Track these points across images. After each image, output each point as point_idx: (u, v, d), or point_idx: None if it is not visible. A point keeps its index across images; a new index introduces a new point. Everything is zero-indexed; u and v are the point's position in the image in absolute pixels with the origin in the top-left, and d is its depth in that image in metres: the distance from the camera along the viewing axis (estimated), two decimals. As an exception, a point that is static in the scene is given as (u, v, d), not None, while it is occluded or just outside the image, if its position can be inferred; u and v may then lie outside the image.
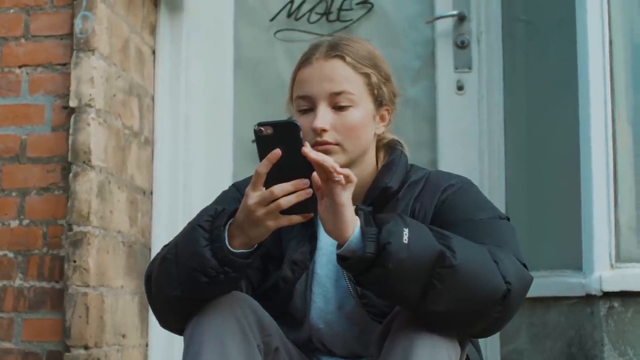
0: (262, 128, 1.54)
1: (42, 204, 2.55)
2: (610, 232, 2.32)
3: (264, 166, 1.52)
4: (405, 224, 1.55)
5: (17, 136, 2.59)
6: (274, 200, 1.52)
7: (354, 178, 1.56)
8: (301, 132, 1.53)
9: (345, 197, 1.54)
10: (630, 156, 2.36)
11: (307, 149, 1.52)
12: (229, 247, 1.57)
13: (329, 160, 1.53)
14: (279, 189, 1.52)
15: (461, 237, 1.60)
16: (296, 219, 1.56)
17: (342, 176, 1.53)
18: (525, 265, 1.65)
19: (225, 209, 1.62)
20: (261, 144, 1.54)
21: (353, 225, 1.55)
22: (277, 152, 1.52)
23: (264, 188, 1.53)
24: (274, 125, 1.54)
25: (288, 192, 1.52)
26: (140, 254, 2.87)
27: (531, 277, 1.66)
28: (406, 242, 1.52)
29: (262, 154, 1.54)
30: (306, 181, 1.53)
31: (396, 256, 1.51)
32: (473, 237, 1.63)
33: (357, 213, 1.58)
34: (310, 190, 1.53)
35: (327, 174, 1.53)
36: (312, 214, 1.56)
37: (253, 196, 1.54)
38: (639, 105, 2.38)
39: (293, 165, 1.53)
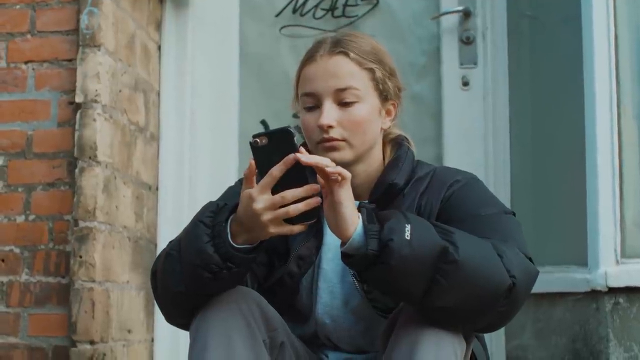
0: (257, 139, 1.53)
1: (48, 200, 2.56)
2: (615, 228, 2.32)
3: (279, 170, 1.52)
4: (408, 220, 1.55)
5: (23, 132, 2.60)
6: (283, 206, 1.52)
7: (347, 174, 1.55)
8: (295, 137, 1.53)
9: (342, 195, 1.54)
10: (635, 151, 2.36)
11: (299, 155, 1.52)
12: (232, 242, 1.57)
13: (322, 161, 1.53)
14: (290, 194, 1.52)
15: (466, 232, 1.60)
16: (297, 228, 1.55)
17: (336, 174, 1.53)
18: (530, 259, 1.65)
19: (227, 204, 1.62)
20: (258, 155, 1.53)
21: (354, 222, 1.55)
22: (292, 156, 1.51)
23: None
24: (269, 134, 1.53)
25: (299, 198, 1.52)
26: (146, 250, 2.87)
27: (537, 271, 1.65)
28: (408, 238, 1.52)
29: (260, 165, 1.53)
30: (317, 186, 1.52)
31: (398, 253, 1.51)
32: (478, 232, 1.63)
33: (360, 210, 1.58)
34: (319, 199, 1.53)
35: (324, 173, 1.53)
36: (312, 221, 1.55)
37: (261, 199, 1.53)
38: (645, 101, 2.39)
39: (292, 171, 1.52)
